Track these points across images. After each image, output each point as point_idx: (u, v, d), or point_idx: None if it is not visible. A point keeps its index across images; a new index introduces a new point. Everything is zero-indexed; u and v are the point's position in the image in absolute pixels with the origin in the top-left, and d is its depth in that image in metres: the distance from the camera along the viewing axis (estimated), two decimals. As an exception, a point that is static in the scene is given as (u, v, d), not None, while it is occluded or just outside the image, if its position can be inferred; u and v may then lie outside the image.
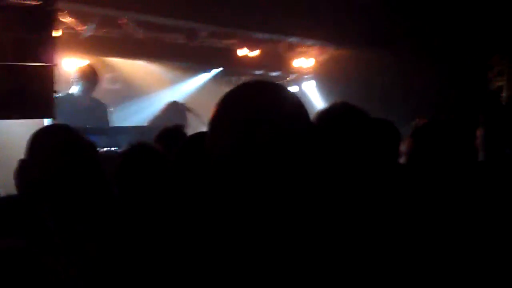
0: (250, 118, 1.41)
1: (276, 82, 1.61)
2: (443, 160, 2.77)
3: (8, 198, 2.72)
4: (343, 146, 2.28)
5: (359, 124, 2.38)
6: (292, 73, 11.64)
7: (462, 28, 8.58)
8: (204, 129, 5.47)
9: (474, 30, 8.49)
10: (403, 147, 3.22)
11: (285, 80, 11.86)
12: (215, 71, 11.29)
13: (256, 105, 1.43)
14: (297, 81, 11.94)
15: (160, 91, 10.59)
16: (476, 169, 3.04)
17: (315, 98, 11.59)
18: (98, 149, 5.46)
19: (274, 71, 11.58)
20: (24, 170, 2.64)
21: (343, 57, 10.92)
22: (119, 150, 6.32)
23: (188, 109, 8.28)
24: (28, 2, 5.96)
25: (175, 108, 8.95)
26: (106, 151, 6.12)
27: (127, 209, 2.92)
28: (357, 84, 10.04)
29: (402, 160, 3.00)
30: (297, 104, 1.49)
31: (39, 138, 2.69)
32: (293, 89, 11.98)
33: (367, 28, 8.98)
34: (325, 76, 11.22)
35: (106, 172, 3.27)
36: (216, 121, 1.48)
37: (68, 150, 2.63)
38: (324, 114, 2.55)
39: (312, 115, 1.77)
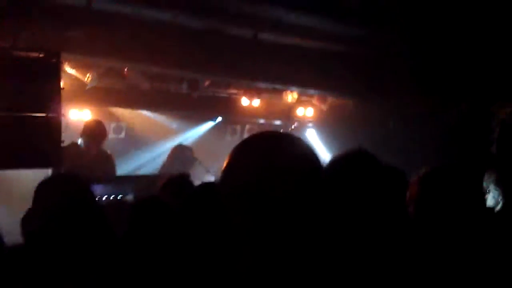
0: (263, 168, 1.43)
1: (287, 132, 1.64)
2: (451, 207, 2.78)
3: (13, 249, 2.72)
4: (352, 195, 2.29)
5: (370, 173, 2.39)
6: (295, 121, 11.71)
7: (464, 75, 8.65)
8: (208, 177, 5.51)
9: (476, 76, 8.55)
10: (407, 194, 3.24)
11: (289, 129, 11.93)
12: (218, 120, 11.36)
13: (270, 155, 1.45)
14: (299, 130, 12.00)
15: (164, 140, 10.63)
16: (486, 215, 3.06)
17: (318, 147, 11.64)
18: (104, 197, 5.49)
19: (277, 119, 11.67)
20: (28, 219, 2.65)
21: (344, 105, 11.01)
22: (124, 199, 6.34)
23: (193, 158, 8.31)
24: (34, 54, 6.06)
25: (180, 151, 8.99)
26: (111, 199, 6.13)
27: (137, 262, 2.90)
28: (359, 132, 10.07)
29: (410, 207, 3.00)
30: (310, 154, 1.51)
31: (43, 188, 2.71)
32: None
33: (368, 77, 9.07)
34: (327, 125, 11.27)
35: (111, 221, 3.29)
36: (229, 170, 1.50)
37: (71, 200, 2.64)
38: (337, 161, 2.56)
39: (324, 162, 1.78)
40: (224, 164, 1.52)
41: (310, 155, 1.51)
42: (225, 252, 2.35)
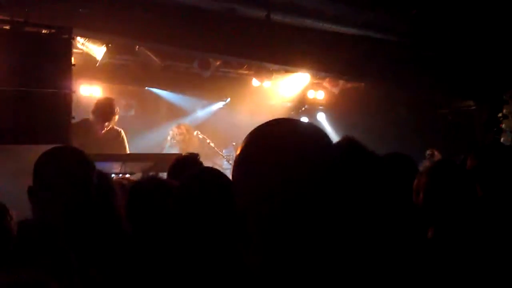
0: (278, 156, 1.42)
1: (301, 119, 1.63)
2: (459, 198, 2.82)
3: (26, 223, 2.72)
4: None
5: (364, 163, 2.39)
6: (305, 104, 11.68)
7: (476, 63, 8.62)
8: (217, 158, 5.48)
9: (489, 64, 8.52)
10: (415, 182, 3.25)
11: (299, 111, 11.92)
12: (229, 100, 11.35)
13: (284, 144, 1.44)
14: (310, 112, 11.99)
15: (174, 118, 10.64)
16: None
17: (328, 130, 11.64)
18: (111, 175, 5.49)
19: (288, 101, 11.65)
20: (35, 195, 2.64)
21: (356, 90, 10.98)
22: (131, 177, 6.35)
23: (203, 138, 8.33)
24: (45, 30, 6.05)
25: (182, 130, 9.00)
26: (119, 177, 6.14)
27: (139, 246, 2.91)
28: (369, 117, 10.07)
29: (418, 196, 3.01)
30: (325, 142, 1.49)
31: (42, 161, 2.68)
32: (305, 120, 12.03)
33: (381, 62, 9.03)
34: (338, 108, 11.25)
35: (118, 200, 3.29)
36: (243, 158, 1.49)
37: (71, 175, 2.62)
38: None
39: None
40: (238, 151, 1.51)
41: (325, 142, 1.50)
42: (228, 238, 2.35)
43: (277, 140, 1.45)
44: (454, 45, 8.29)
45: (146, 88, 10.32)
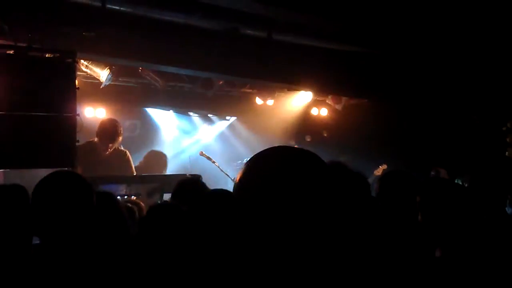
0: (276, 184, 1.46)
1: (302, 148, 1.66)
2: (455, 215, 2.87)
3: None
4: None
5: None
6: (309, 121, 11.69)
7: (479, 78, 8.64)
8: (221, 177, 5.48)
9: (492, 80, 8.56)
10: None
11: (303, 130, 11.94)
12: (233, 119, 11.39)
13: (284, 172, 1.47)
14: (313, 130, 12.00)
15: (178, 138, 10.68)
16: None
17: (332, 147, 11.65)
18: (117, 197, 5.50)
19: (292, 119, 11.66)
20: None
21: (359, 106, 10.99)
22: (137, 199, 6.38)
23: (207, 158, 8.34)
24: (49, 55, 6.10)
25: (154, 156, 9.02)
26: (125, 199, 6.16)
27: (145, 262, 2.93)
28: (374, 133, 10.08)
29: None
30: (322, 170, 1.53)
31: (40, 187, 2.68)
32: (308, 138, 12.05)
33: (383, 79, 9.07)
34: (341, 125, 11.26)
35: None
36: (243, 184, 1.52)
37: (69, 199, 2.64)
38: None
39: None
40: (238, 177, 1.55)
41: (322, 171, 1.53)
42: (232, 254, 2.38)
43: (274, 167, 1.49)
44: (457, 59, 8.31)
45: (150, 108, 10.35)
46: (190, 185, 4.35)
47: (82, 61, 7.70)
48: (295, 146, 6.87)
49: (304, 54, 8.19)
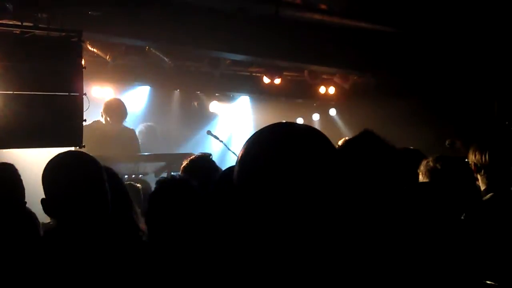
0: (276, 161, 1.43)
1: (303, 124, 1.64)
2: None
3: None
4: (363, 176, 2.29)
5: (379, 155, 2.38)
6: (317, 100, 11.66)
7: (487, 57, 8.59)
8: (230, 156, 5.46)
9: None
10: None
11: (311, 107, 11.93)
12: (240, 98, 11.35)
13: (285, 148, 1.45)
14: (322, 108, 11.98)
15: (186, 118, 10.65)
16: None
17: (340, 124, 11.64)
18: (125, 176, 5.51)
19: (299, 98, 11.63)
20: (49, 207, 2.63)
21: (367, 84, 10.93)
22: (144, 178, 6.39)
23: (215, 137, 8.31)
24: (55, 34, 6.08)
25: (146, 131, 9.00)
26: (133, 178, 6.17)
27: (156, 249, 2.91)
28: (381, 111, 10.03)
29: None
30: (324, 145, 1.50)
31: (50, 171, 2.65)
32: (317, 116, 12.03)
33: (390, 55, 9.01)
34: (350, 103, 11.22)
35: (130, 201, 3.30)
36: (242, 162, 1.50)
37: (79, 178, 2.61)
38: (348, 145, 2.57)
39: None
40: (239, 154, 1.53)
41: (324, 145, 1.50)
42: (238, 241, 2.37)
43: (276, 142, 1.46)
44: (467, 38, 8.25)
45: (157, 88, 10.31)
46: (200, 163, 4.34)
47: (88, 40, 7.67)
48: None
49: (311, 31, 8.14)
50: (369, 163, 2.40)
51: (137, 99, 9.91)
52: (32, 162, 5.08)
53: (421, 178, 3.46)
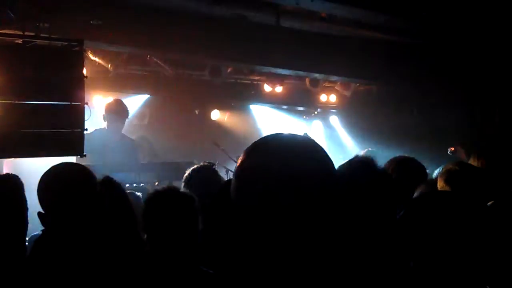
0: (275, 174, 1.42)
1: (302, 135, 1.63)
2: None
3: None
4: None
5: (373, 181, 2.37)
6: (318, 107, 11.68)
7: (486, 67, 8.59)
8: (231, 165, 5.43)
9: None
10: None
11: (312, 115, 11.94)
12: (241, 106, 11.36)
13: (282, 160, 1.44)
14: (323, 115, 12.00)
15: (188, 126, 10.64)
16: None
17: (341, 132, 11.65)
18: (126, 185, 5.49)
19: (300, 105, 11.65)
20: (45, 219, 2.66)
21: (367, 92, 10.95)
22: (146, 186, 6.38)
23: (216, 145, 8.29)
24: (57, 43, 6.09)
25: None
26: (134, 187, 6.17)
27: (154, 254, 2.90)
28: (382, 119, 10.04)
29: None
30: (323, 159, 1.49)
31: (45, 179, 2.70)
32: (318, 123, 12.04)
33: (393, 64, 9.01)
34: (350, 111, 11.23)
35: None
36: (240, 174, 1.49)
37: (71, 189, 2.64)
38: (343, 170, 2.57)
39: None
40: (234, 171, 1.53)
41: (322, 158, 1.50)
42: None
43: (274, 153, 1.45)
44: (467, 46, 8.26)
45: (159, 97, 10.32)
46: (201, 173, 4.31)
47: (90, 49, 7.70)
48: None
49: (312, 39, 8.16)
50: (363, 189, 2.40)
51: (139, 107, 9.91)
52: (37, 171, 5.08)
53: (442, 185, 3.41)
